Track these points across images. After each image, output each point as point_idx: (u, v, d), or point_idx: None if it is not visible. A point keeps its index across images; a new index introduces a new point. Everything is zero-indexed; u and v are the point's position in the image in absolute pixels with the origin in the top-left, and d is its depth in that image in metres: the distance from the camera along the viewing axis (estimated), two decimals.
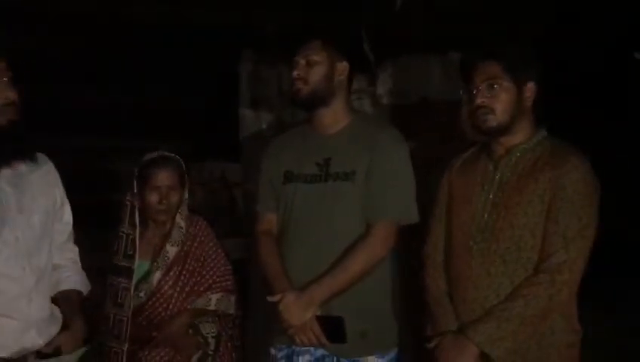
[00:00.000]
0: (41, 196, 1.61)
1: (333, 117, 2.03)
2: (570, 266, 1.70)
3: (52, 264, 1.71)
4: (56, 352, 1.61)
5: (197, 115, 4.80)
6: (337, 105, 2.02)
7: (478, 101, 1.78)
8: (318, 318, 1.91)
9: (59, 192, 1.74)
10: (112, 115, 4.85)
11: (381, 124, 2.19)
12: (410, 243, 2.04)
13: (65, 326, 1.66)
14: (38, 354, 1.62)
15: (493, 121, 1.78)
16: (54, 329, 1.64)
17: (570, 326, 1.79)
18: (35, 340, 1.61)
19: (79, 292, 1.78)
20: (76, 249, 1.85)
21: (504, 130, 1.80)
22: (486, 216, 1.80)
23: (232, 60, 3.31)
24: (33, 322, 1.58)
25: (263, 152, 2.17)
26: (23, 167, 1.61)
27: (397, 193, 1.97)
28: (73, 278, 1.77)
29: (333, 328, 1.91)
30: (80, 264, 1.84)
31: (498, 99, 1.77)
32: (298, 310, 1.89)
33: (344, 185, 1.96)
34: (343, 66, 2.01)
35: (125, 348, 2.12)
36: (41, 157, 1.72)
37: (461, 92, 1.90)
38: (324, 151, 2.01)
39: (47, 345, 1.61)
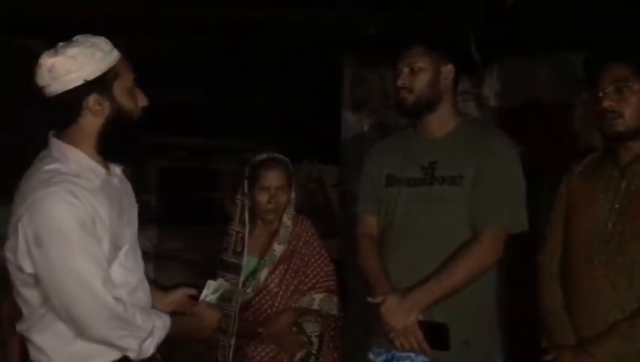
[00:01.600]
0: (131, 190, 1.70)
1: (440, 121, 1.99)
2: None
3: None
4: None
5: (294, 117, 4.86)
6: (444, 109, 1.98)
7: (605, 104, 1.70)
8: (421, 323, 1.88)
9: None
10: (213, 115, 5.01)
11: (490, 128, 2.13)
12: (518, 251, 1.96)
13: None
14: None
15: (621, 125, 1.70)
16: None
17: None
18: None
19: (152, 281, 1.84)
20: None
21: (632, 135, 1.71)
22: (610, 225, 1.71)
23: (333, 61, 3.31)
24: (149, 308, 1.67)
25: (365, 155, 2.16)
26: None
27: (507, 200, 1.91)
28: None
29: (435, 334, 1.87)
30: None
31: (627, 102, 1.69)
32: (400, 313, 1.87)
33: (450, 189, 1.92)
34: (447, 69, 1.97)
35: (233, 342, 2.20)
36: None
37: (583, 95, 1.82)
38: (429, 155, 1.98)
39: None
